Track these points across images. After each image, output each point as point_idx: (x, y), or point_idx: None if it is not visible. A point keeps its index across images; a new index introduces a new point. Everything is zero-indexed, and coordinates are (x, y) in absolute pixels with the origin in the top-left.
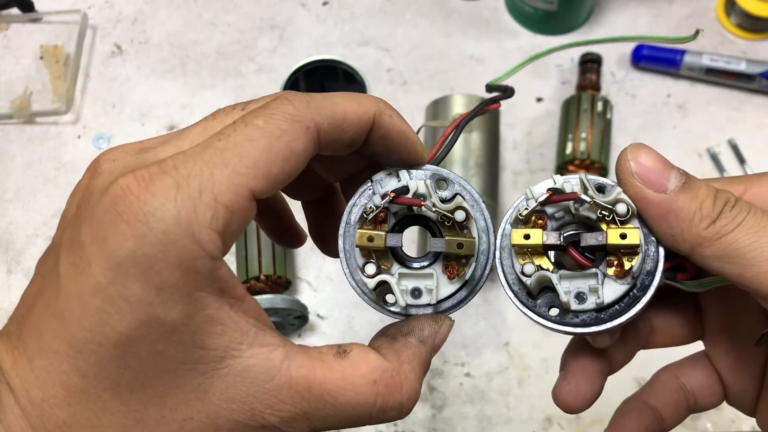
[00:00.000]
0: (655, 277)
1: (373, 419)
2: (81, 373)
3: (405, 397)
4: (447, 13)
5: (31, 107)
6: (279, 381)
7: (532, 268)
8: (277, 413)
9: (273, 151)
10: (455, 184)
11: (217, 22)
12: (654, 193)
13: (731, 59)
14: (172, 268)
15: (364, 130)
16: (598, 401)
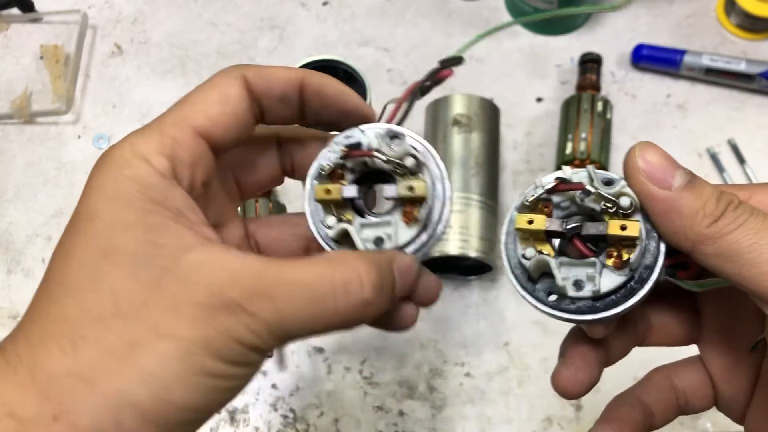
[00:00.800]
0: (653, 271)
1: (337, 296)
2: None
3: (363, 271)
4: (447, 13)
5: (31, 107)
6: (235, 264)
7: (533, 252)
8: (236, 289)
9: (209, 96)
10: (407, 137)
11: (217, 22)
12: (659, 189)
13: (731, 59)
14: (126, 180)
15: (293, 84)
16: (600, 401)
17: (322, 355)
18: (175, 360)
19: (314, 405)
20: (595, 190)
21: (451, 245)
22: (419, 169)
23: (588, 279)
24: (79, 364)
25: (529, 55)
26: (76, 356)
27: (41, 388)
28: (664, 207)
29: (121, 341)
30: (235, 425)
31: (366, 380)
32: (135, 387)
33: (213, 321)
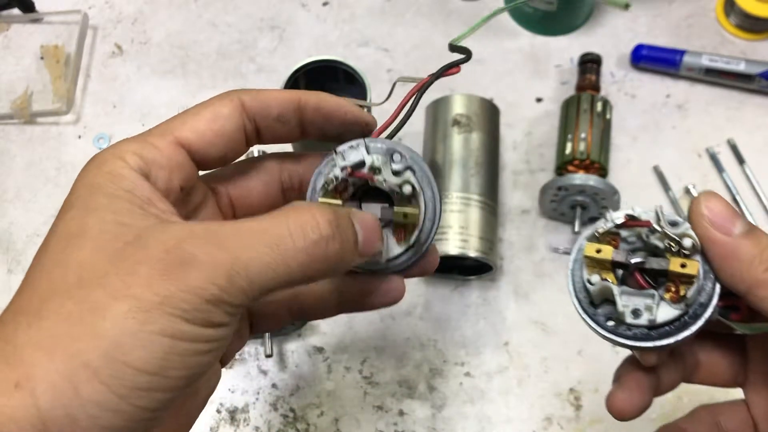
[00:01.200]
0: (707, 309)
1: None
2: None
3: (315, 211)
4: (447, 13)
5: (31, 107)
6: (194, 225)
7: (598, 279)
8: (191, 242)
9: (200, 114)
10: (407, 158)
11: (218, 23)
12: (720, 235)
13: (730, 59)
14: (102, 173)
15: (289, 104)
16: (600, 400)
17: (322, 355)
18: (129, 319)
19: (314, 404)
20: (661, 229)
21: (451, 245)
22: (415, 195)
23: (646, 309)
24: (41, 333)
25: (528, 55)
26: (39, 326)
27: (8, 359)
28: (724, 251)
29: (80, 308)
30: (236, 425)
31: (366, 380)
32: (89, 349)
33: (168, 276)
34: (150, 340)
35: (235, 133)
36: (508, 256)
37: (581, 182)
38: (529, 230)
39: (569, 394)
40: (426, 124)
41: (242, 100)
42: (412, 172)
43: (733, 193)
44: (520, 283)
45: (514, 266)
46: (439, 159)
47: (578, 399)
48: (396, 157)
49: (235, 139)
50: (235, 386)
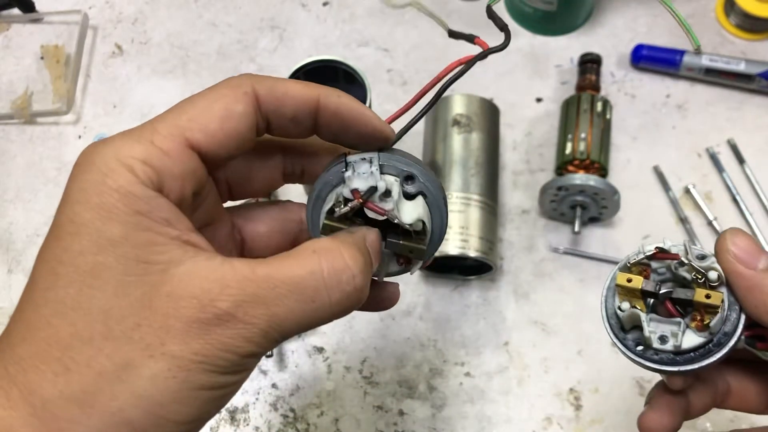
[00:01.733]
0: (731, 338)
1: (329, 289)
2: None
3: (348, 258)
4: (447, 13)
5: (31, 107)
6: (223, 271)
7: (628, 306)
8: (226, 298)
9: (212, 110)
10: (422, 182)
11: (218, 23)
12: (744, 269)
13: (730, 59)
14: (110, 191)
15: (306, 106)
16: (599, 400)
17: (323, 355)
18: (169, 378)
19: (314, 404)
20: (688, 262)
21: (451, 245)
22: (424, 231)
23: (672, 335)
24: (72, 387)
25: (528, 55)
26: (68, 379)
27: (36, 413)
28: (749, 284)
29: (113, 362)
30: (236, 425)
31: (366, 380)
32: (129, 408)
33: (206, 335)
34: (191, 396)
35: (248, 133)
36: (508, 256)
37: (581, 182)
38: (529, 230)
39: (569, 394)
40: (426, 124)
41: (257, 93)
42: (424, 197)
43: (733, 193)
44: (520, 283)
45: (514, 266)
46: (439, 159)
47: (578, 399)
48: (409, 179)
49: (246, 139)
50: None
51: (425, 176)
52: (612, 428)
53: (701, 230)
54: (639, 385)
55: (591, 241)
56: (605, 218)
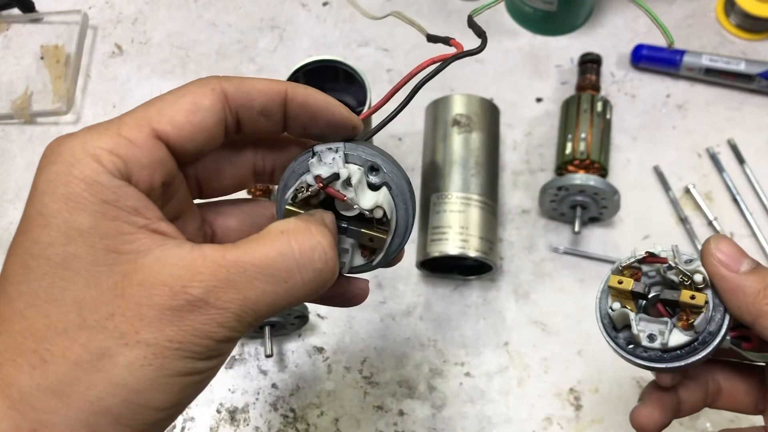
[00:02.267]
0: (716, 337)
1: (301, 268)
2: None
3: (317, 234)
4: (447, 13)
5: (31, 107)
6: (193, 258)
7: (619, 306)
8: (198, 284)
9: (179, 103)
10: (386, 172)
11: (218, 23)
12: (727, 271)
13: (730, 59)
14: (77, 181)
15: (274, 99)
16: (599, 400)
17: (323, 355)
18: (145, 366)
19: (314, 405)
20: (675, 265)
21: (451, 245)
22: (387, 219)
23: (659, 334)
24: (49, 378)
25: (528, 55)
26: (45, 370)
27: (15, 405)
28: (731, 286)
29: (89, 352)
30: (236, 425)
31: (366, 380)
32: (107, 396)
33: (180, 322)
34: (167, 382)
35: (215, 127)
36: (508, 256)
37: (581, 182)
38: (529, 230)
39: (569, 394)
40: (426, 124)
41: (225, 90)
42: (388, 188)
43: (733, 193)
44: (520, 283)
45: (514, 266)
46: (439, 159)
47: (578, 399)
48: (374, 170)
49: (214, 134)
50: (235, 386)
51: (390, 168)
52: (612, 428)
53: (701, 230)
54: (639, 385)
55: (591, 241)
56: (605, 218)
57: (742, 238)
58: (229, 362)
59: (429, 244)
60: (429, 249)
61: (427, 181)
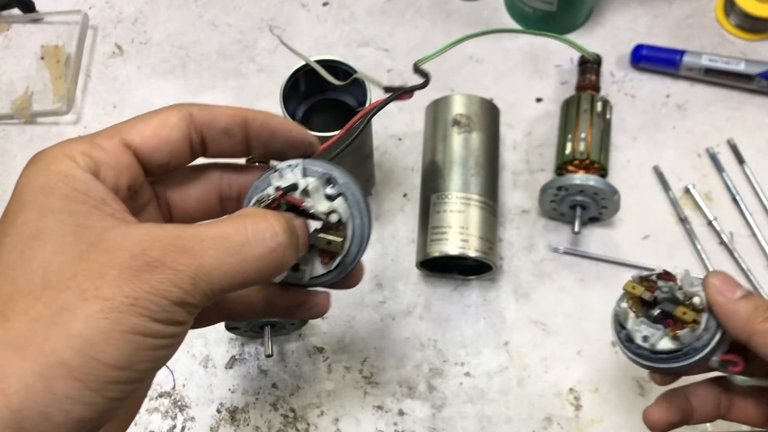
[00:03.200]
0: (699, 353)
1: (253, 243)
2: None
3: (272, 218)
4: (447, 13)
5: (31, 107)
6: (155, 230)
7: (625, 305)
8: (156, 247)
9: (148, 120)
10: (341, 184)
11: (218, 23)
12: (723, 297)
13: (730, 59)
14: (53, 174)
15: (235, 120)
16: (599, 400)
17: (323, 355)
18: (101, 319)
19: (314, 404)
20: (681, 287)
21: (451, 245)
22: (341, 224)
23: (652, 337)
24: (9, 335)
25: (528, 55)
26: (6, 327)
27: None
28: (727, 310)
29: (50, 308)
30: (236, 424)
31: (366, 380)
32: (63, 348)
33: (137, 280)
34: (122, 338)
35: (181, 142)
36: (508, 256)
37: (581, 182)
38: (529, 230)
39: (569, 394)
40: (426, 124)
41: (191, 111)
42: (344, 199)
43: (732, 193)
44: (520, 283)
45: (514, 266)
46: (439, 159)
47: (578, 399)
48: (330, 182)
49: (180, 148)
50: (235, 386)
51: (345, 180)
52: (612, 428)
53: (701, 230)
54: (639, 385)
55: (591, 241)
56: (605, 218)
57: (742, 238)
58: (229, 362)
59: (429, 244)
60: (429, 249)
61: (427, 181)
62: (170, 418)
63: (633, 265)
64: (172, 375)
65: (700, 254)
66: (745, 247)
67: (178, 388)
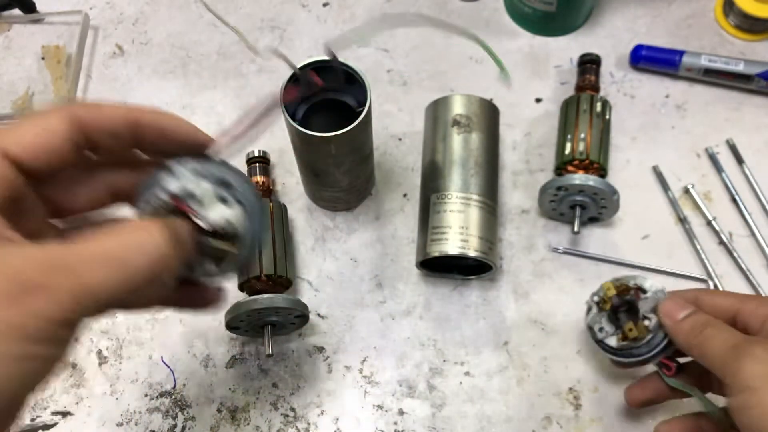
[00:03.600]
0: (642, 356)
1: (135, 253)
2: None
3: (152, 227)
4: (446, 14)
5: (32, 108)
6: (33, 250)
7: (590, 300)
8: (33, 269)
9: (28, 126)
10: (237, 190)
11: (218, 23)
12: (669, 320)
13: (729, 60)
14: None
15: (124, 118)
16: (598, 400)
17: (323, 354)
18: None
19: (315, 404)
20: (642, 301)
21: (450, 245)
22: (234, 233)
23: (606, 332)
24: None
25: (528, 55)
26: None
27: None
28: (673, 329)
29: None
30: (236, 424)
31: (366, 379)
32: None
33: (17, 306)
34: (4, 365)
35: (63, 147)
36: (508, 256)
37: (581, 182)
38: (528, 230)
39: (568, 394)
40: (426, 124)
41: (76, 114)
42: (239, 205)
43: (732, 193)
44: (519, 283)
45: (513, 266)
46: (439, 159)
47: (577, 398)
48: (225, 185)
49: (62, 152)
50: (235, 385)
51: (240, 183)
52: (611, 427)
53: (700, 230)
54: None
55: (590, 241)
56: (605, 218)
57: (741, 238)
58: (229, 362)
59: (429, 244)
60: (429, 249)
61: (427, 181)
62: (171, 418)
63: (632, 265)
64: (173, 375)
65: (700, 254)
66: (744, 247)
67: (179, 388)
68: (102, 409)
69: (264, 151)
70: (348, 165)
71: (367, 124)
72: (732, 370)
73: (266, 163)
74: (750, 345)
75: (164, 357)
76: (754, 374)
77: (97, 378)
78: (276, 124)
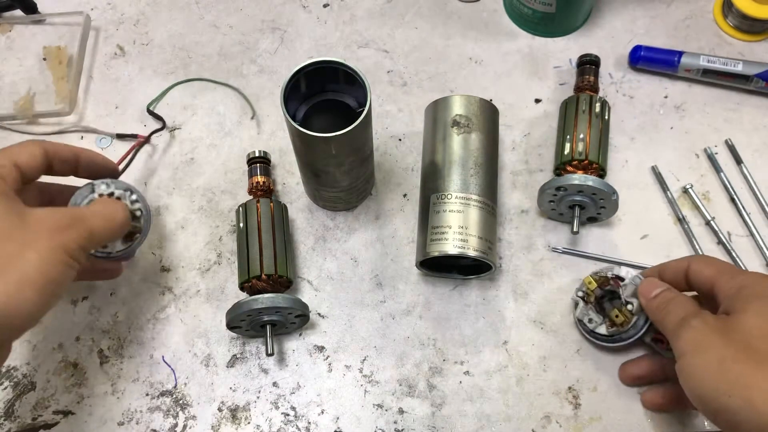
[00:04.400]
0: (630, 338)
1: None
2: None
3: (119, 206)
4: (446, 15)
5: (34, 108)
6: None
7: (575, 294)
8: (67, 218)
9: (23, 150)
10: (138, 196)
11: (219, 24)
12: (643, 299)
13: (728, 60)
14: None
15: (69, 154)
16: (597, 399)
17: (323, 354)
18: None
19: (315, 403)
20: (622, 288)
21: (450, 245)
22: (141, 217)
23: (594, 322)
24: None
25: (527, 56)
26: None
27: None
28: (646, 306)
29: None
30: (237, 423)
31: (366, 378)
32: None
33: (63, 235)
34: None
35: (40, 166)
36: (507, 256)
37: (580, 182)
38: (527, 230)
39: (568, 393)
40: (426, 125)
41: (45, 147)
42: (139, 201)
43: (730, 193)
44: (519, 283)
45: (513, 266)
46: (439, 159)
47: (577, 397)
48: (130, 192)
49: (39, 169)
50: (236, 385)
51: (138, 192)
52: (611, 426)
53: (699, 230)
54: None
55: (589, 241)
56: (603, 218)
57: (740, 237)
58: (230, 361)
59: (429, 244)
60: (429, 249)
61: (427, 182)
62: (172, 417)
63: (631, 265)
64: (174, 374)
65: (698, 254)
66: (742, 247)
67: (180, 387)
68: (103, 408)
69: (265, 152)
70: (348, 165)
71: (367, 125)
72: (674, 339)
73: (267, 163)
74: (693, 317)
75: (165, 356)
76: (687, 341)
77: (98, 377)
78: (277, 125)
